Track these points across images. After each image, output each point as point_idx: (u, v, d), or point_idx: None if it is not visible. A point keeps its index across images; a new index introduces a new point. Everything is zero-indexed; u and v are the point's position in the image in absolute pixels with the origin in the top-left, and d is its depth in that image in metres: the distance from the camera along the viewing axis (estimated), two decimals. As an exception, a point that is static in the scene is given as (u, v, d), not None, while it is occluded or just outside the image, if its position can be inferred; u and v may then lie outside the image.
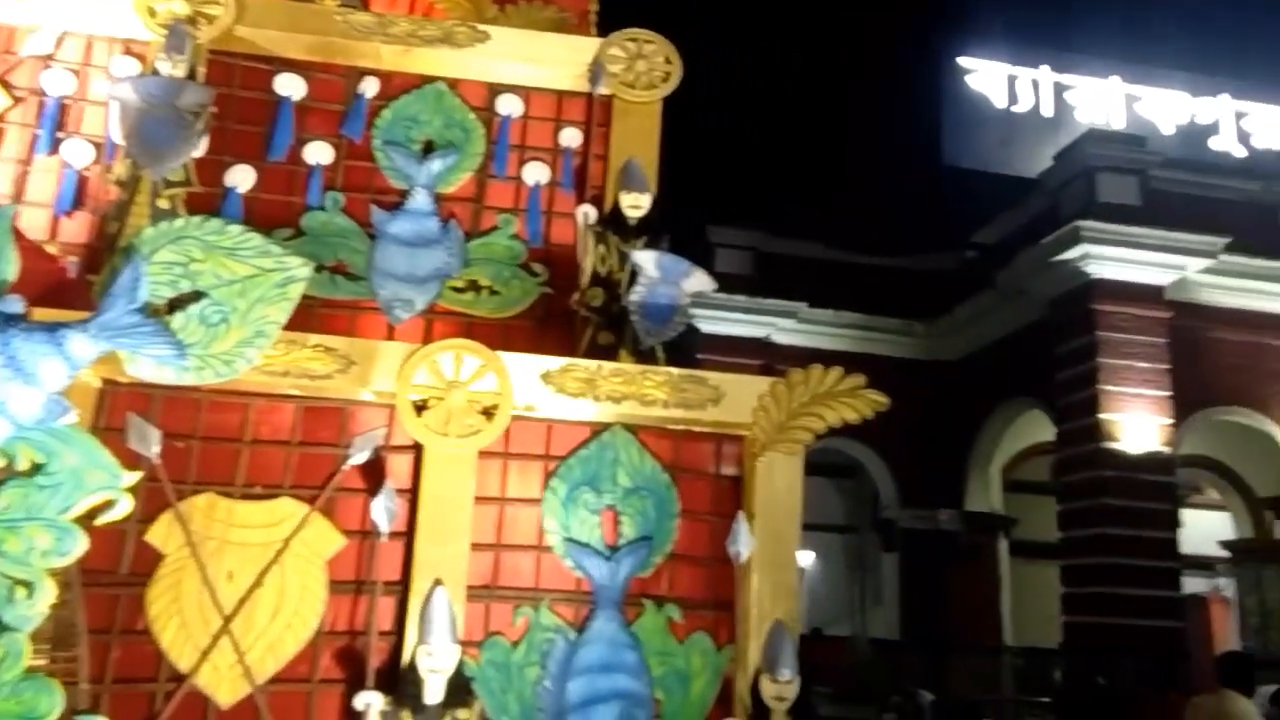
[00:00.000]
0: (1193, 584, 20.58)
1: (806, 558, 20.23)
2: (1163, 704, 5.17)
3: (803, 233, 18.33)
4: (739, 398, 3.38)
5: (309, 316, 3.51)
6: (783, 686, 3.12)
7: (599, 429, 3.38)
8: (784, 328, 17.25)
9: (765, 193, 23.21)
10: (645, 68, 4.24)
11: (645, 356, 3.74)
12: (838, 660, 16.09)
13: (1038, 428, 15.87)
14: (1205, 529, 18.73)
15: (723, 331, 16.90)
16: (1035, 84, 16.30)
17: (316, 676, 3.04)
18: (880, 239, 18.62)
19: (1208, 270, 14.16)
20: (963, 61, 16.19)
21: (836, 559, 20.28)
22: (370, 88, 4.11)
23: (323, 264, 3.84)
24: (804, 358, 17.22)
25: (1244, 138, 16.05)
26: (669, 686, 3.20)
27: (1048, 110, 16.25)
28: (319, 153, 4.01)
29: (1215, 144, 16.04)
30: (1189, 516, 19.69)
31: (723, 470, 3.45)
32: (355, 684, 2.93)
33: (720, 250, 17.77)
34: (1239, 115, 16.10)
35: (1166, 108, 16.13)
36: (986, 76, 16.24)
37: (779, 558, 3.33)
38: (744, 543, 3.18)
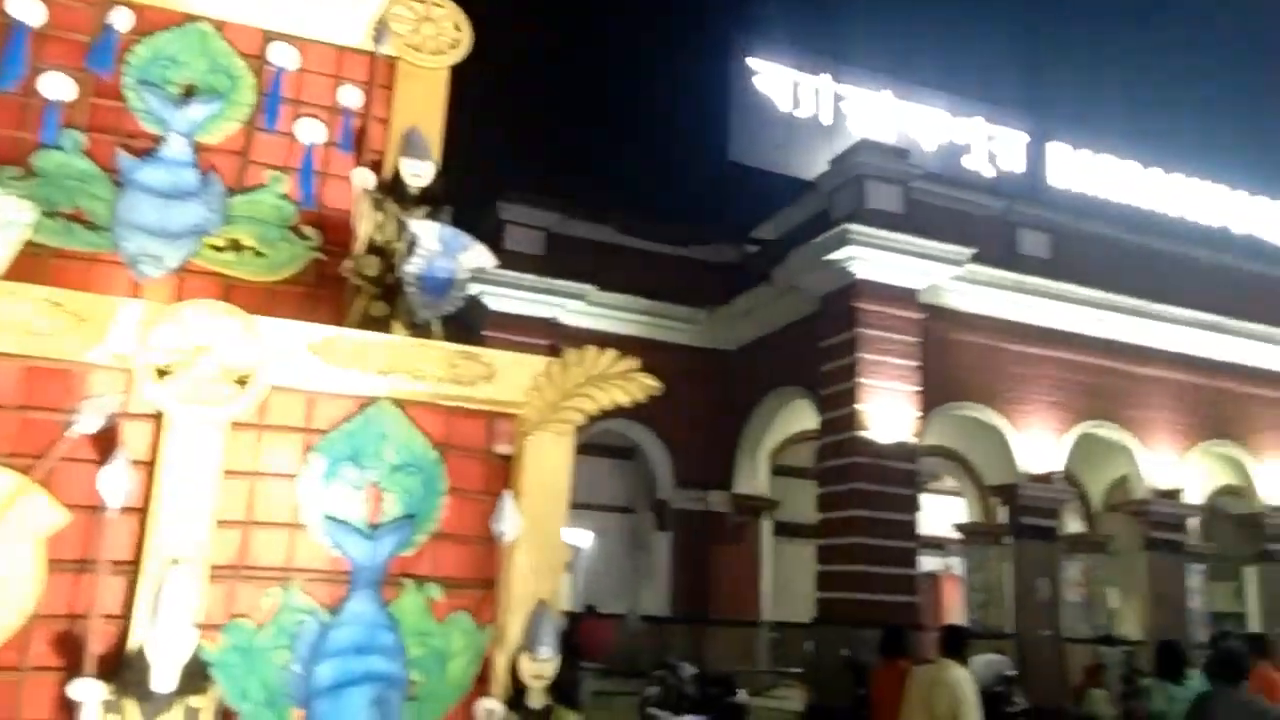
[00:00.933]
0: (929, 563, 22.70)
1: (585, 537, 20.55)
2: (893, 671, 5.63)
3: (595, 216, 18.49)
4: (513, 376, 3.35)
5: (37, 267, 3.16)
6: (541, 665, 3.14)
7: (366, 403, 3.25)
8: (572, 309, 17.36)
9: (559, 173, 23.27)
10: (433, 32, 4.10)
11: (420, 330, 3.63)
12: (609, 636, 16.44)
13: (804, 416, 16.85)
14: (942, 513, 20.66)
15: (511, 310, 16.81)
16: (817, 92, 17.26)
17: (27, 664, 2.75)
18: (669, 227, 19.10)
19: (955, 277, 15.51)
20: (751, 62, 16.88)
21: (614, 538, 20.69)
22: (122, 19, 3.73)
23: (57, 209, 3.46)
24: (591, 340, 17.34)
25: (992, 159, 17.73)
26: (427, 667, 3.14)
27: (826, 118, 17.24)
28: (58, 86, 3.59)
29: (968, 162, 17.61)
30: (929, 501, 21.65)
31: (494, 448, 3.41)
32: (74, 672, 2.67)
33: (511, 228, 17.62)
34: (989, 138, 17.76)
35: (929, 125, 17.55)
36: (773, 80, 17.03)
37: (545, 537, 3.34)
38: (509, 522, 3.16)
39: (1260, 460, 18.35)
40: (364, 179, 3.82)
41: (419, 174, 3.85)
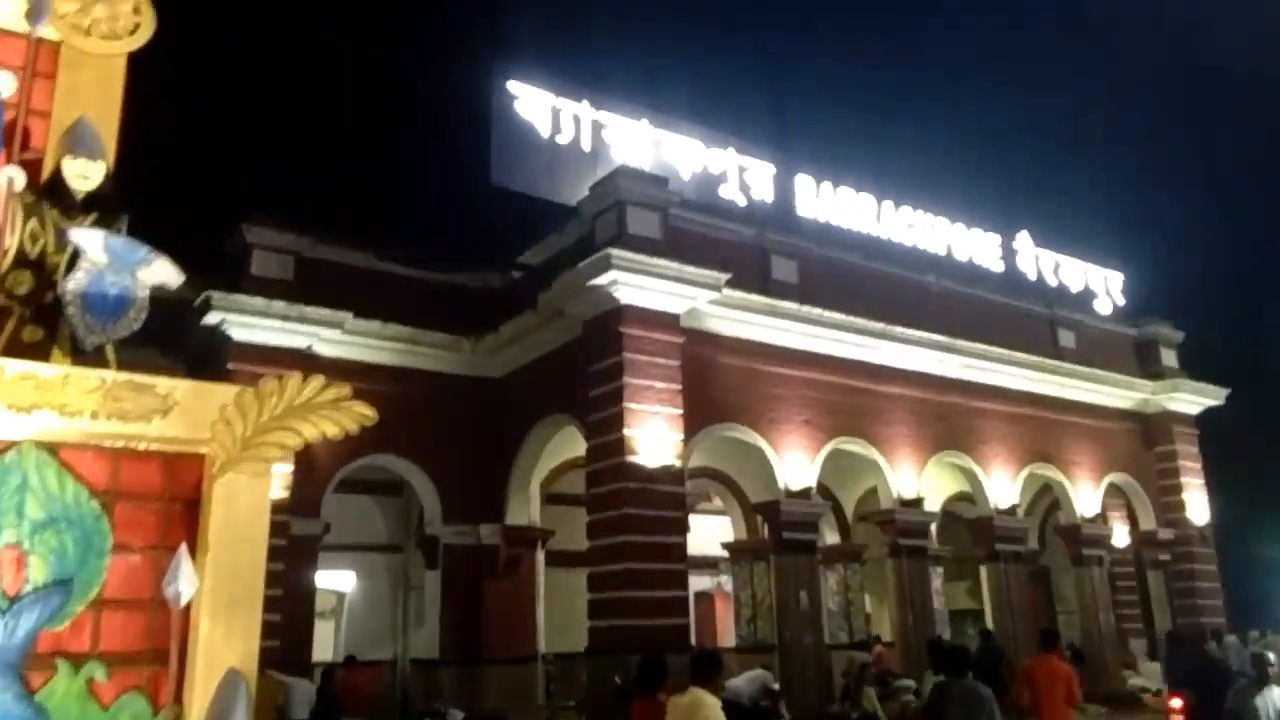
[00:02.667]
0: (702, 582, 23.21)
1: (349, 581, 19.40)
2: (651, 704, 5.45)
3: (351, 241, 17.61)
4: (195, 409, 2.88)
5: None
6: (231, 746, 2.67)
7: (2, 448, 2.67)
8: (328, 338, 16.36)
9: (314, 195, 22.05)
10: (106, 13, 3.55)
11: (88, 358, 3.08)
12: (368, 686, 15.51)
13: (574, 442, 16.70)
14: (711, 532, 21.18)
15: (259, 340, 15.59)
16: (576, 118, 17.31)
17: None
18: (431, 253, 18.51)
19: (714, 302, 15.96)
20: (512, 86, 16.70)
21: (382, 580, 19.68)
22: None
23: None
24: (349, 371, 16.54)
25: (745, 189, 18.46)
26: (88, 765, 2.59)
27: (587, 144, 17.33)
28: None
29: (724, 191, 18.24)
30: (700, 521, 22.15)
31: (174, 495, 2.91)
32: None
33: (258, 252, 16.42)
34: (741, 169, 18.49)
35: (684, 154, 18.04)
36: (533, 105, 16.92)
37: (238, 595, 2.86)
38: (185, 581, 2.68)
39: (987, 469, 20.09)
40: (12, 179, 3.21)
41: (86, 175, 3.30)
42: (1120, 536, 23.46)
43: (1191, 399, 23.51)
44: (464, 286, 18.54)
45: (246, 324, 15.53)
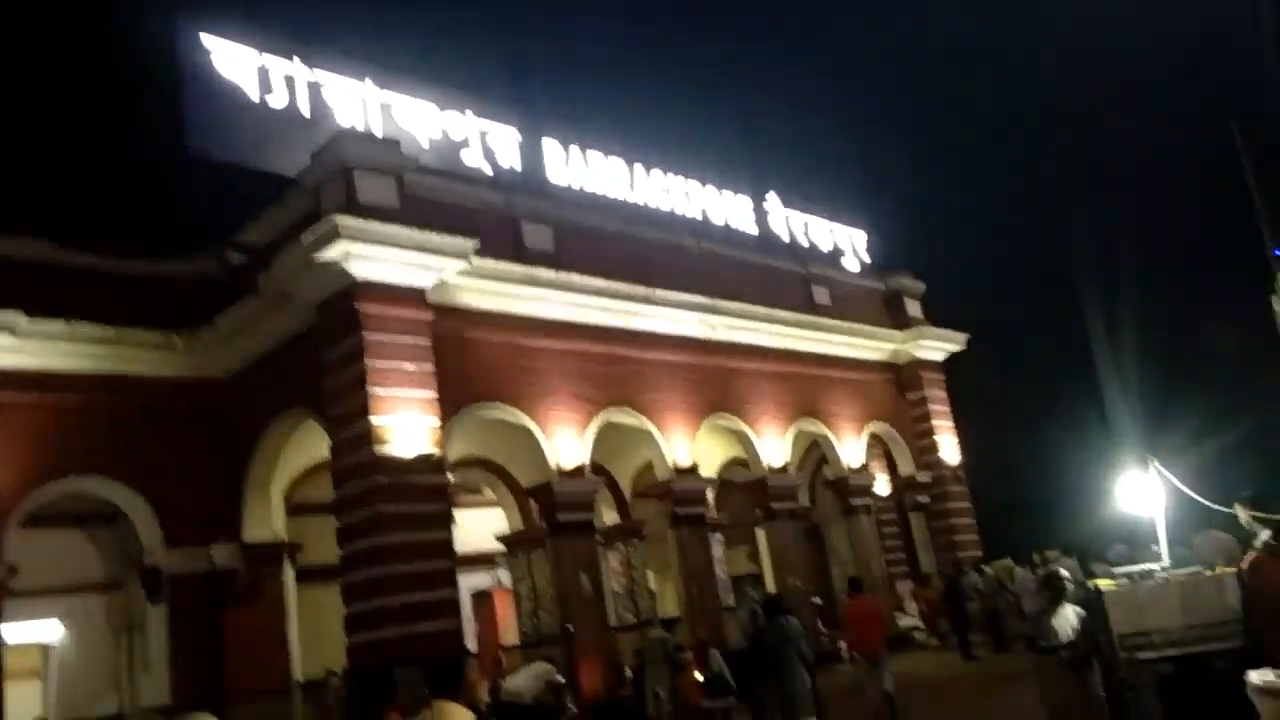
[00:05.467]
0: (479, 580, 21.79)
1: (54, 630, 16.44)
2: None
3: (18, 228, 14.78)
4: None
5: None
6: None
7: None
8: (-2, 346, 13.60)
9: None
10: None
11: None
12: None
13: (319, 442, 14.85)
14: (485, 526, 19.81)
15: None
16: (289, 79, 15.28)
17: None
18: (124, 238, 15.94)
19: (464, 274, 14.63)
20: (206, 40, 14.46)
21: (98, 624, 16.82)
22: None
23: None
24: (27, 382, 13.78)
25: (490, 154, 17.19)
26: None
27: (305, 109, 15.40)
28: None
29: (467, 158, 16.87)
30: (470, 516, 20.70)
31: None
32: None
33: (-108, 248, 13.39)
34: (483, 133, 17.20)
35: (420, 119, 16.49)
36: (235, 62, 14.74)
37: None
38: None
39: (758, 429, 20.01)
40: None
41: None
42: (882, 485, 24.29)
43: (936, 345, 24.72)
44: (169, 276, 16.11)
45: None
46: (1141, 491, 6.83)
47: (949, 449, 24.30)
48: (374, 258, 13.31)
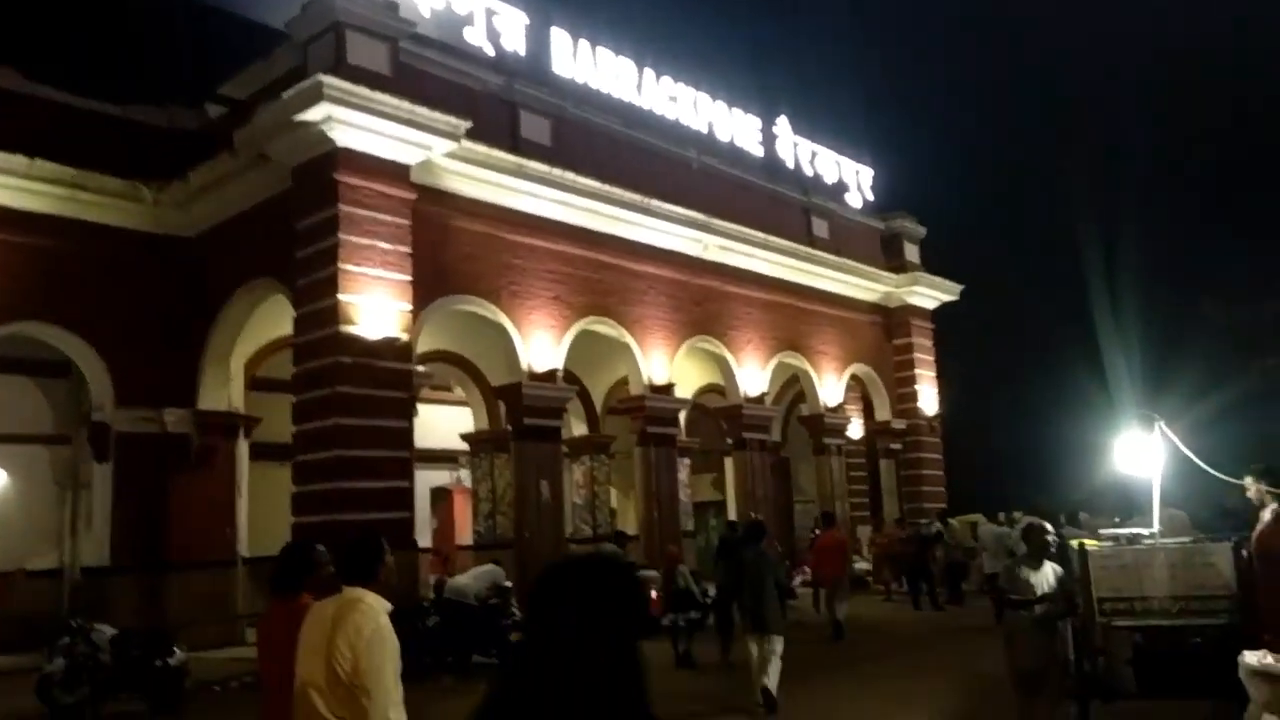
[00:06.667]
0: (439, 478, 21.48)
1: (-2, 478, 16.01)
2: (287, 611, 3.73)
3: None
4: None
5: None
6: None
7: None
8: (-51, 176, 12.82)
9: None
10: None
11: None
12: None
13: (286, 317, 14.26)
14: (452, 424, 19.39)
15: None
16: (290, -79, 14.30)
17: None
18: (102, 77, 15.01)
19: (453, 156, 13.89)
20: None
21: (42, 476, 16.37)
22: None
23: None
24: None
25: (494, 35, 16.23)
26: None
27: (303, -44, 14.40)
28: None
29: (470, 36, 15.91)
30: (438, 413, 20.26)
31: None
32: None
33: None
34: (490, 12, 16.20)
35: (424, -14, 15.47)
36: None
37: None
38: None
39: (739, 356, 19.55)
40: None
41: None
42: (855, 428, 24.01)
43: (929, 293, 24.21)
44: (146, 123, 15.25)
45: None
46: (1142, 453, 6.43)
47: (928, 399, 23.99)
48: (358, 125, 12.54)
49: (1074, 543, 6.40)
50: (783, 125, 21.99)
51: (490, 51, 16.12)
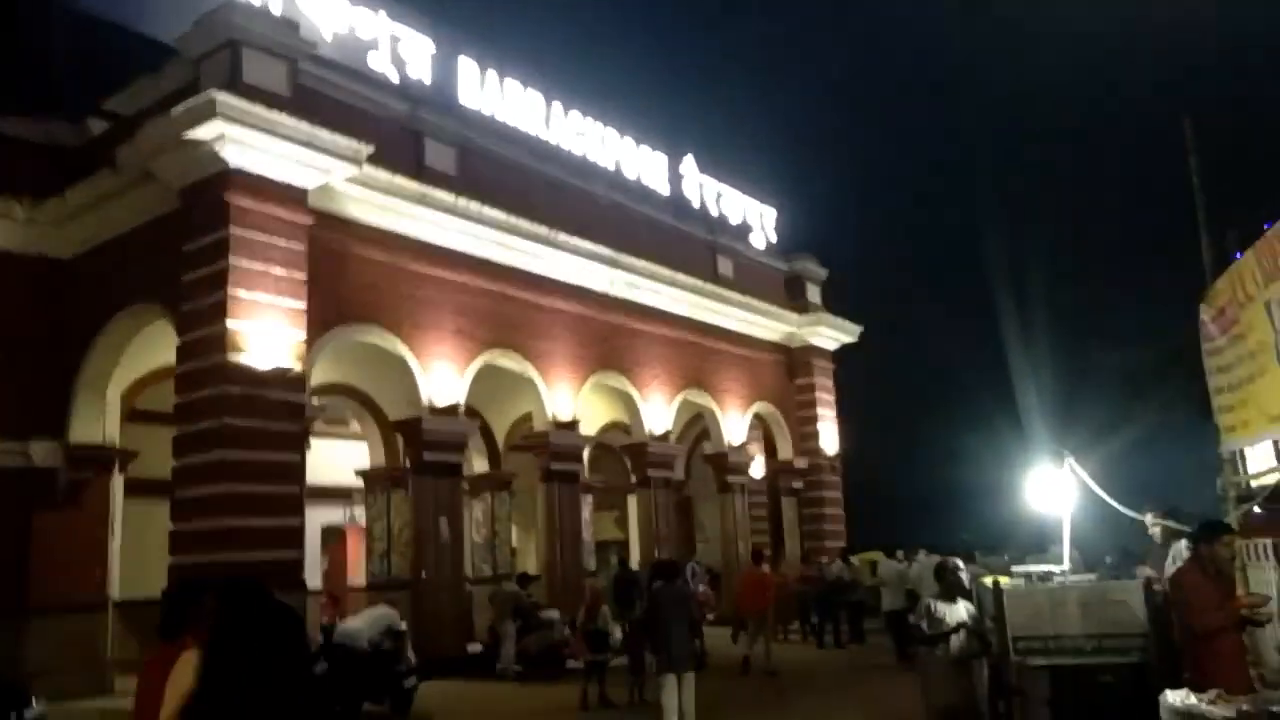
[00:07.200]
0: (332, 515, 20.59)
1: None
2: (169, 653, 3.32)
3: None
4: None
5: None
6: None
7: None
8: None
9: None
10: None
11: None
12: None
13: (170, 346, 13.46)
14: (347, 460, 18.63)
15: None
16: (184, -66, 13.73)
17: None
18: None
19: (353, 181, 13.44)
20: None
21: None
22: None
23: None
24: None
25: (399, 62, 15.86)
26: None
27: (197, -28, 13.83)
28: None
29: (374, 61, 15.52)
30: (333, 447, 19.45)
31: None
32: None
33: None
34: (395, 38, 15.85)
35: (326, 7, 14.99)
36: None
37: None
38: None
39: (644, 393, 19.40)
40: None
41: None
42: (757, 466, 24.09)
43: (831, 334, 24.59)
44: (19, 138, 14.30)
45: None
46: (1053, 488, 6.46)
47: (829, 438, 24.27)
48: (253, 145, 11.99)
49: (987, 580, 6.38)
50: (689, 164, 22.14)
51: (395, 78, 15.75)
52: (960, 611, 6.03)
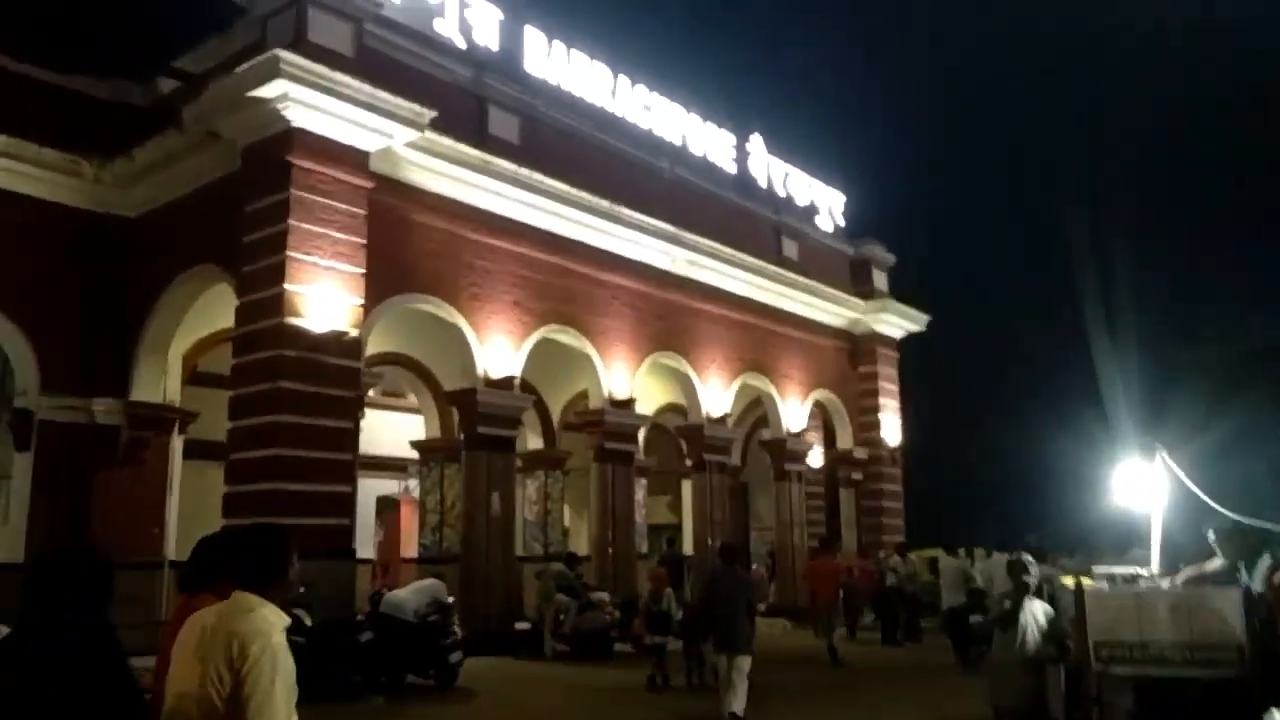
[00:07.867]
0: (388, 485, 20.64)
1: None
2: (193, 604, 3.11)
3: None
4: None
5: None
6: None
7: None
8: None
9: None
10: None
11: None
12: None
13: (231, 307, 13.47)
14: (403, 431, 18.62)
15: None
16: (258, -107, 13.64)
17: None
18: (47, 43, 14.18)
19: (415, 146, 13.27)
20: None
21: (-42, 466, 15.32)
22: None
23: None
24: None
25: (465, 28, 15.64)
26: None
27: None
28: None
29: (440, 26, 15.31)
30: (391, 419, 19.47)
31: None
32: None
33: None
34: (462, 4, 15.60)
35: (396, -30, 14.84)
36: None
37: None
38: None
39: (702, 375, 19.01)
40: None
41: None
42: (815, 455, 23.54)
43: (897, 322, 23.90)
44: (90, 95, 14.42)
45: None
46: (1142, 484, 5.96)
47: (891, 429, 23.62)
48: (316, 106, 11.86)
49: (1067, 580, 5.92)
50: (756, 143, 21.61)
51: (461, 44, 15.53)
52: (1036, 613, 5.58)
